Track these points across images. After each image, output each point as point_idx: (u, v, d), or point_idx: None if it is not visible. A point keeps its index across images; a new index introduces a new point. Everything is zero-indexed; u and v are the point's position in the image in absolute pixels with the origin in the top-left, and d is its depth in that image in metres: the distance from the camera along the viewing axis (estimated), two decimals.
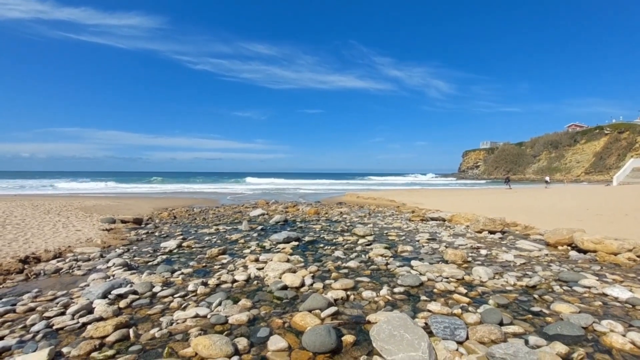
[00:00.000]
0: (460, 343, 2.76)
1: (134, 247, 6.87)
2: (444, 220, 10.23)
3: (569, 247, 6.38)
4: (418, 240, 7.23)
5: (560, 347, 2.63)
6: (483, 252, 6.11)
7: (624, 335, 2.79)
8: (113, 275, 4.81)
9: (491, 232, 7.94)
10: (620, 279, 4.42)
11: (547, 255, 5.88)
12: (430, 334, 2.84)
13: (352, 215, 11.91)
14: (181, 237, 7.74)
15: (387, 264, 5.31)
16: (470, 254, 5.87)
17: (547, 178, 39.49)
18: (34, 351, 2.70)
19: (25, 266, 5.32)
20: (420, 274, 4.68)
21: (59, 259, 5.84)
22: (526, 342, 2.75)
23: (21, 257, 5.64)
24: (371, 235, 7.70)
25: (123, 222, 9.97)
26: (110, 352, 2.71)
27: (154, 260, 5.75)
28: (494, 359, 2.42)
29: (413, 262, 5.29)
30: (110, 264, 5.40)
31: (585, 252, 5.93)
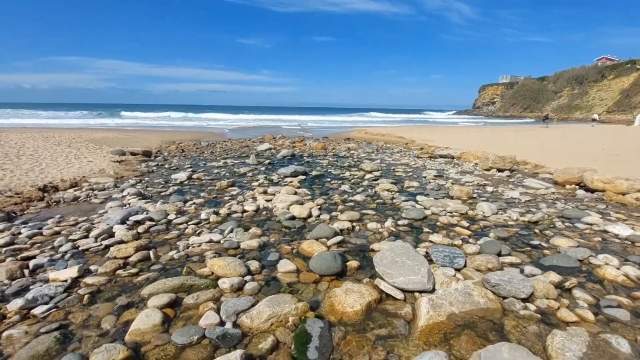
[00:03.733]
0: (458, 270, 2.92)
1: (146, 178, 7.08)
2: (452, 157, 10.13)
3: (577, 187, 6.35)
4: (425, 177, 7.26)
5: (554, 277, 2.76)
6: (489, 189, 6.14)
7: (618, 269, 2.90)
8: (129, 204, 5.04)
9: (499, 170, 7.89)
10: (624, 217, 4.46)
11: (553, 193, 5.89)
12: (431, 261, 2.99)
13: (359, 151, 11.86)
14: (191, 169, 7.89)
15: (392, 198, 5.41)
16: (476, 191, 5.91)
17: (595, 116, 34.43)
18: (65, 268, 2.94)
19: (45, 194, 5.57)
20: (425, 208, 4.79)
21: (76, 188, 6.07)
22: (521, 271, 2.90)
23: (40, 186, 5.87)
24: (378, 170, 7.74)
25: (133, 154, 10.12)
26: (134, 270, 2.94)
27: (166, 190, 5.95)
28: (489, 284, 2.57)
29: (418, 197, 5.38)
30: (124, 193, 5.61)
31: (593, 191, 5.91)
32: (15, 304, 2.37)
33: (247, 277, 2.80)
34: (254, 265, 2.99)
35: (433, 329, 2.12)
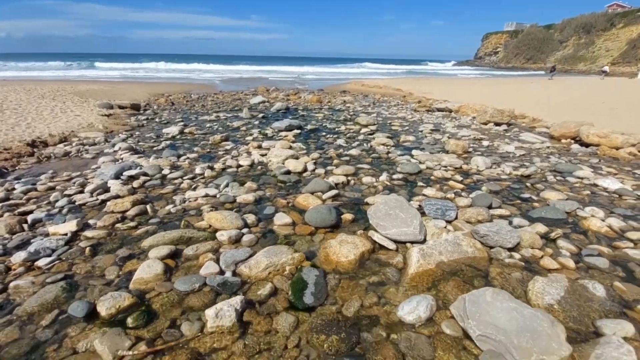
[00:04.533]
0: (449, 222, 3.01)
1: (137, 133, 6.91)
2: (450, 111, 9.96)
3: (573, 141, 6.36)
4: (421, 131, 7.19)
5: (541, 228, 2.87)
6: (485, 143, 6.13)
7: (603, 220, 3.02)
8: (121, 159, 4.97)
9: (497, 124, 7.82)
10: (615, 171, 4.53)
11: (548, 147, 5.91)
12: (423, 214, 3.08)
13: (355, 105, 11.57)
14: (182, 123, 7.69)
15: (388, 152, 5.40)
16: (471, 145, 5.91)
17: (606, 68, 32.68)
18: (64, 222, 2.98)
19: (35, 150, 5.45)
20: (420, 162, 4.80)
21: (65, 143, 5.94)
22: (510, 223, 3.00)
23: (28, 141, 5.72)
24: (374, 124, 7.62)
25: (121, 107, 9.77)
26: (132, 224, 2.99)
27: (158, 145, 5.85)
28: (478, 235, 2.68)
29: (414, 152, 5.37)
30: (116, 148, 5.52)
31: (588, 145, 5.94)
32: (19, 256, 2.43)
33: (244, 230, 2.86)
34: (250, 218, 3.05)
35: (422, 276, 2.24)
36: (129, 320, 1.84)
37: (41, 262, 2.39)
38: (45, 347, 1.69)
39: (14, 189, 3.76)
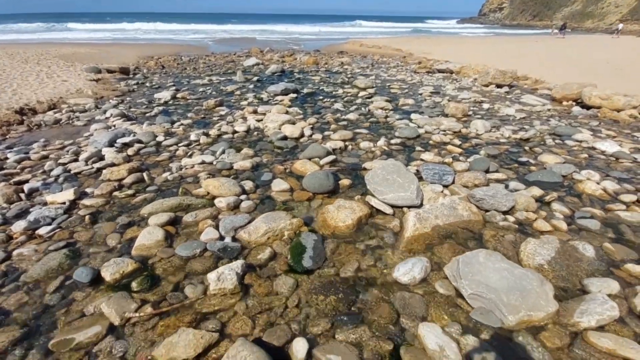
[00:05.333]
0: (446, 186, 3.03)
1: (128, 98, 6.70)
2: (451, 72, 9.65)
3: (574, 103, 6.24)
4: (421, 94, 7.01)
5: (536, 191, 2.90)
6: (485, 106, 6.01)
7: (598, 183, 3.04)
8: (114, 126, 4.86)
9: (498, 86, 7.62)
10: (614, 134, 4.50)
11: (549, 110, 5.82)
12: (420, 179, 3.08)
13: (353, 66, 11.16)
14: (174, 88, 7.43)
15: (386, 116, 5.30)
16: (472, 108, 5.79)
17: (621, 25, 31.75)
18: (61, 191, 2.97)
19: (24, 117, 5.30)
20: (419, 126, 4.73)
21: (55, 110, 5.77)
22: (506, 187, 3.02)
23: (16, 108, 5.54)
24: (373, 87, 7.40)
25: (109, 71, 9.38)
26: (130, 192, 2.99)
27: (150, 111, 5.70)
28: (474, 199, 2.71)
29: (413, 116, 5.27)
30: (108, 114, 5.37)
31: (589, 108, 5.84)
32: (19, 225, 2.44)
33: (243, 197, 2.88)
34: (248, 185, 3.05)
35: (418, 239, 2.29)
36: (134, 285, 1.90)
37: (42, 231, 2.41)
38: (54, 311, 1.75)
39: (6, 158, 3.70)
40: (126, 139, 4.14)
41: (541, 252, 2.05)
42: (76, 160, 3.69)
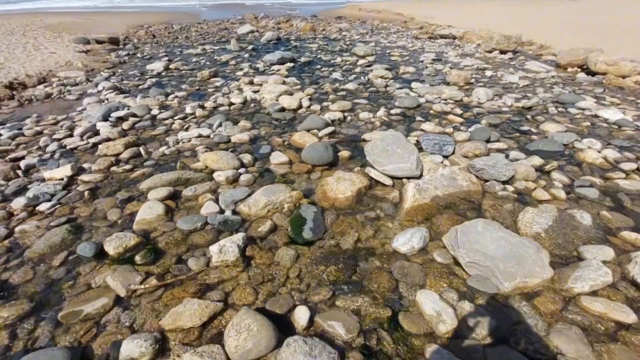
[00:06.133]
0: (446, 157, 3.01)
1: (119, 70, 6.49)
2: (454, 38, 9.30)
3: (579, 69, 6.06)
4: (422, 61, 6.79)
5: (537, 160, 2.88)
6: (488, 73, 5.84)
7: (599, 152, 3.01)
8: (107, 99, 4.74)
9: (502, 52, 7.37)
10: (618, 101, 4.40)
11: (553, 77, 5.66)
12: (420, 149, 3.05)
13: (352, 32, 10.73)
14: (166, 58, 7.18)
15: (386, 86, 5.16)
16: (474, 76, 5.63)
17: None
18: (58, 167, 2.94)
19: (14, 92, 5.15)
20: (419, 95, 4.62)
21: (45, 84, 5.60)
22: (507, 156, 3.00)
23: (5, 83, 5.38)
24: (372, 55, 7.15)
25: (98, 42, 9.02)
26: (127, 167, 2.97)
27: (143, 83, 5.54)
28: (474, 169, 2.69)
29: (413, 84, 5.13)
30: (100, 88, 5.23)
31: (594, 74, 5.68)
32: (19, 202, 2.45)
33: (241, 170, 2.86)
34: (246, 158, 3.03)
35: (417, 210, 2.30)
36: (137, 258, 1.93)
37: (42, 207, 2.41)
38: (60, 284, 1.79)
39: (0, 134, 3.64)
40: (120, 113, 4.05)
41: (539, 220, 2.07)
42: (71, 135, 3.63)
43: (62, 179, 2.75)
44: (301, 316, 1.56)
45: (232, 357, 1.38)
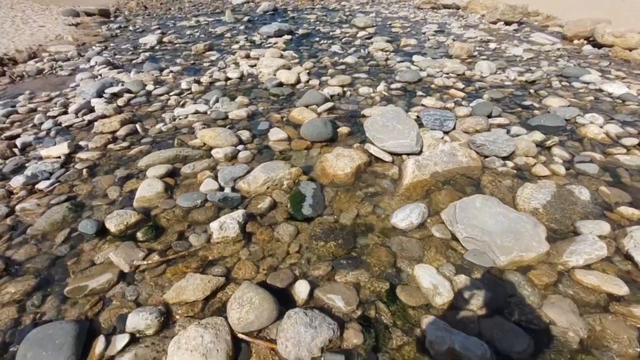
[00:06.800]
0: (446, 133, 2.97)
1: (111, 44, 6.28)
2: (458, 8, 8.96)
3: (586, 41, 5.88)
4: (424, 33, 6.57)
5: (538, 136, 2.85)
6: (492, 45, 5.67)
7: (601, 127, 2.98)
8: (100, 75, 4.61)
9: (507, 23, 7.12)
10: (623, 75, 4.30)
11: (558, 49, 5.50)
12: (421, 125, 3.01)
13: (352, 2, 10.31)
14: (159, 31, 6.92)
15: (387, 59, 5.02)
16: (477, 48, 5.47)
17: None
18: (54, 145, 2.91)
19: (5, 68, 5.01)
20: (421, 69, 4.51)
21: (36, 59, 5.43)
22: (508, 132, 2.97)
23: None
24: (372, 26, 6.91)
25: (88, 14, 8.66)
26: (125, 144, 2.94)
27: (137, 58, 5.37)
28: (474, 145, 2.67)
29: (415, 57, 4.99)
30: (92, 62, 5.07)
31: (601, 46, 5.51)
32: (17, 180, 2.44)
33: (240, 147, 2.83)
34: (245, 135, 2.99)
35: (416, 186, 2.31)
36: (139, 235, 1.95)
37: (41, 185, 2.41)
38: (64, 261, 1.82)
39: None
40: (114, 89, 3.96)
41: (537, 196, 2.08)
42: (65, 112, 3.57)
43: (59, 157, 2.73)
44: (301, 290, 1.60)
45: (235, 329, 1.42)
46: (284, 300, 1.56)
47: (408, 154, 2.65)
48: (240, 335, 1.41)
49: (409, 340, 1.40)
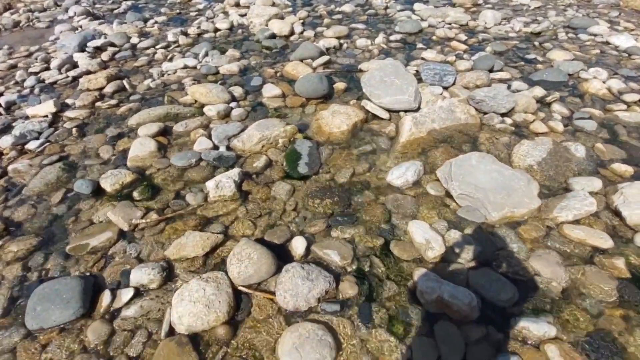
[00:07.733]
0: (446, 88, 2.88)
1: None
2: None
3: None
4: None
5: (539, 92, 2.77)
6: None
7: (603, 82, 2.89)
8: (80, 27, 4.31)
9: None
10: (632, 27, 4.09)
11: None
12: (420, 80, 2.91)
13: None
14: None
15: (386, 7, 4.70)
16: None
17: None
18: (40, 104, 2.80)
19: None
20: (422, 19, 4.25)
21: (11, 10, 5.03)
22: (509, 87, 2.88)
23: None
24: None
25: None
26: (113, 102, 2.84)
27: (118, 7, 4.99)
28: (474, 101, 2.61)
29: (416, 6, 4.67)
30: (70, 13, 4.72)
31: None
32: (6, 141, 2.38)
33: (233, 104, 2.75)
34: (237, 91, 2.88)
35: (413, 144, 2.29)
36: (135, 194, 1.96)
37: (31, 146, 2.36)
38: (63, 220, 1.85)
39: None
40: (97, 42, 3.72)
41: (533, 153, 2.07)
42: (48, 68, 3.39)
43: (46, 116, 2.64)
44: (298, 245, 1.65)
45: (235, 282, 1.49)
46: (281, 255, 1.61)
47: (406, 111, 2.59)
48: (241, 288, 1.48)
49: (401, 291, 1.48)
